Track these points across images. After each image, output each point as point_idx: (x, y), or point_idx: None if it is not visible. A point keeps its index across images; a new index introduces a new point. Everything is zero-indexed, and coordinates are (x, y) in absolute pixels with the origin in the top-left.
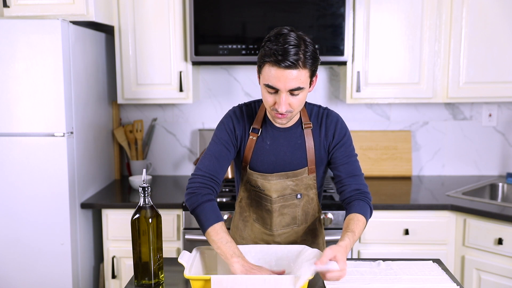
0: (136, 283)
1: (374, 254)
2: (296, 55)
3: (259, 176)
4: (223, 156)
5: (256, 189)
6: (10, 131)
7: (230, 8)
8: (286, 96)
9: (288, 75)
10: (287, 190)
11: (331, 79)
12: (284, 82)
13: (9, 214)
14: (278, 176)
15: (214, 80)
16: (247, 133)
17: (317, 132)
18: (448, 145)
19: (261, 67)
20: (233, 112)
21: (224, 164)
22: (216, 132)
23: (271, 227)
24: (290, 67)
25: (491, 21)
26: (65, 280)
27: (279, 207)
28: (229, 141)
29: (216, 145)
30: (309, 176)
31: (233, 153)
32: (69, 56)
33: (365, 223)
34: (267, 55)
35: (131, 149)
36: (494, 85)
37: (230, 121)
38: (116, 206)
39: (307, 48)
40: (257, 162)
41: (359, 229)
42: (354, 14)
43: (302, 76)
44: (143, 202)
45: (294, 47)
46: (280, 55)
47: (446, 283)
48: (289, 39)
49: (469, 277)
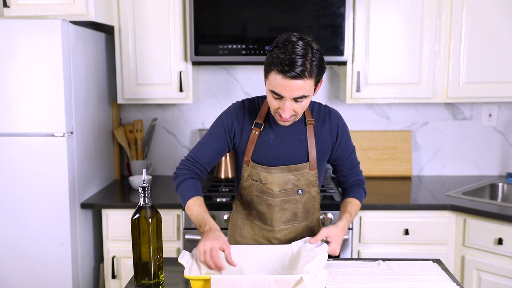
0: (136, 283)
1: (374, 254)
2: (302, 65)
3: (262, 169)
4: (211, 145)
5: (258, 183)
6: (10, 131)
7: (230, 8)
8: (291, 103)
9: (293, 85)
10: (289, 185)
11: (331, 79)
12: (289, 91)
13: (9, 214)
14: (281, 170)
15: (214, 80)
16: (248, 128)
17: (319, 129)
18: (448, 145)
19: (268, 73)
20: (233, 107)
21: (210, 153)
22: (212, 125)
23: (271, 222)
24: (296, 78)
25: (491, 21)
26: (65, 280)
27: (280, 202)
28: (222, 134)
29: (210, 136)
30: (311, 172)
31: (225, 147)
32: (69, 56)
33: (360, 206)
34: (274, 64)
35: (131, 149)
36: (494, 85)
37: (229, 117)
38: (116, 206)
39: (314, 57)
40: (260, 155)
41: (355, 212)
42: (354, 14)
43: (307, 85)
44: (143, 202)
45: (301, 57)
46: (287, 65)
47: (446, 283)
48: (297, 48)
49: (469, 277)
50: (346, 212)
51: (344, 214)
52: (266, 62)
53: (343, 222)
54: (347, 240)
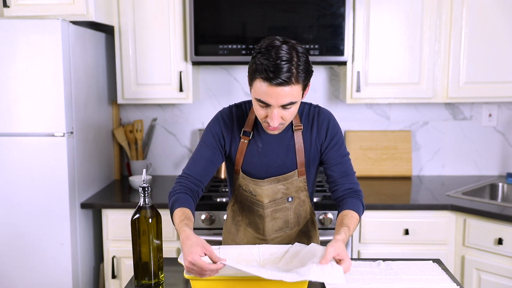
0: (136, 283)
1: (374, 254)
2: (288, 71)
3: (251, 181)
4: (203, 157)
5: (248, 194)
6: (10, 131)
7: (230, 8)
8: (278, 111)
9: (280, 92)
10: (278, 194)
11: (331, 79)
12: (276, 99)
13: (9, 214)
14: (269, 182)
15: (214, 80)
16: (237, 136)
17: (308, 133)
18: (448, 145)
19: (252, 81)
20: (220, 115)
21: (207, 167)
22: (202, 136)
23: (263, 232)
24: (282, 84)
25: (491, 21)
26: (65, 280)
27: (271, 212)
28: (214, 144)
29: (201, 148)
30: (299, 179)
31: (218, 156)
32: (69, 56)
33: (358, 219)
34: (258, 71)
35: (131, 149)
36: (494, 85)
37: (218, 125)
38: (116, 206)
39: (299, 61)
40: (249, 165)
41: (353, 225)
42: (354, 14)
43: (294, 91)
44: (143, 202)
45: (286, 62)
46: (272, 72)
47: (446, 283)
48: (281, 54)
49: (469, 277)
50: (344, 226)
51: (341, 228)
52: (250, 69)
53: (342, 236)
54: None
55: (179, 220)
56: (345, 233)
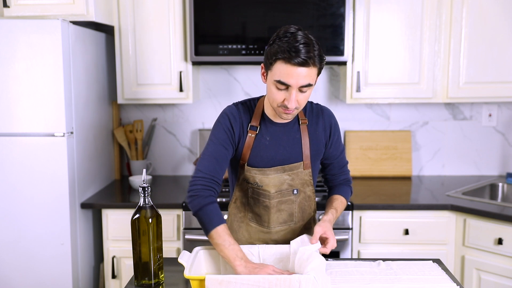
0: (136, 283)
1: (374, 254)
2: (308, 53)
3: (257, 172)
4: (222, 156)
5: (254, 186)
6: (10, 131)
7: (230, 8)
8: (296, 93)
9: (300, 72)
10: (284, 185)
11: (331, 79)
12: (296, 79)
13: (9, 214)
14: (275, 170)
15: (214, 80)
16: (245, 131)
17: (313, 127)
18: (448, 145)
19: (272, 64)
20: (229, 110)
21: (223, 164)
22: (213, 132)
23: (268, 224)
24: (303, 65)
25: (491, 21)
26: (65, 280)
27: (276, 203)
28: (227, 140)
29: (215, 145)
30: (305, 172)
31: (231, 152)
32: (69, 56)
33: (345, 204)
34: (280, 52)
35: (131, 149)
36: (494, 85)
37: (227, 120)
38: (116, 206)
39: (315, 46)
40: (256, 158)
41: (340, 208)
42: (354, 14)
43: (312, 73)
44: (143, 202)
45: (305, 45)
46: (294, 52)
47: (446, 283)
48: (299, 38)
49: (469, 277)
50: (332, 208)
51: (330, 210)
52: (269, 53)
53: (329, 217)
54: (347, 240)
55: (231, 241)
56: (332, 214)
